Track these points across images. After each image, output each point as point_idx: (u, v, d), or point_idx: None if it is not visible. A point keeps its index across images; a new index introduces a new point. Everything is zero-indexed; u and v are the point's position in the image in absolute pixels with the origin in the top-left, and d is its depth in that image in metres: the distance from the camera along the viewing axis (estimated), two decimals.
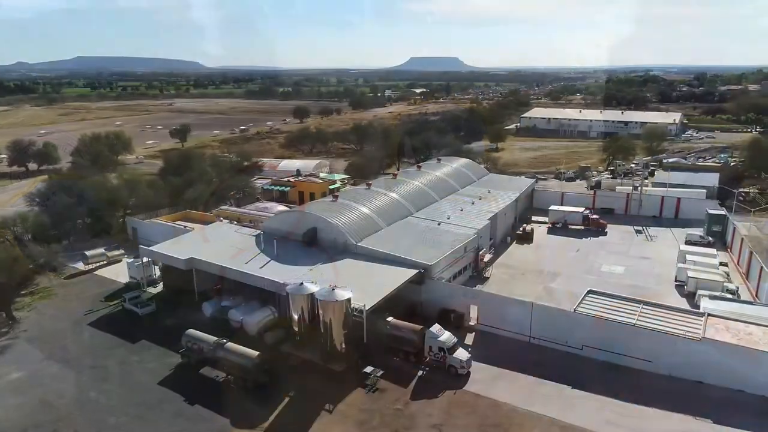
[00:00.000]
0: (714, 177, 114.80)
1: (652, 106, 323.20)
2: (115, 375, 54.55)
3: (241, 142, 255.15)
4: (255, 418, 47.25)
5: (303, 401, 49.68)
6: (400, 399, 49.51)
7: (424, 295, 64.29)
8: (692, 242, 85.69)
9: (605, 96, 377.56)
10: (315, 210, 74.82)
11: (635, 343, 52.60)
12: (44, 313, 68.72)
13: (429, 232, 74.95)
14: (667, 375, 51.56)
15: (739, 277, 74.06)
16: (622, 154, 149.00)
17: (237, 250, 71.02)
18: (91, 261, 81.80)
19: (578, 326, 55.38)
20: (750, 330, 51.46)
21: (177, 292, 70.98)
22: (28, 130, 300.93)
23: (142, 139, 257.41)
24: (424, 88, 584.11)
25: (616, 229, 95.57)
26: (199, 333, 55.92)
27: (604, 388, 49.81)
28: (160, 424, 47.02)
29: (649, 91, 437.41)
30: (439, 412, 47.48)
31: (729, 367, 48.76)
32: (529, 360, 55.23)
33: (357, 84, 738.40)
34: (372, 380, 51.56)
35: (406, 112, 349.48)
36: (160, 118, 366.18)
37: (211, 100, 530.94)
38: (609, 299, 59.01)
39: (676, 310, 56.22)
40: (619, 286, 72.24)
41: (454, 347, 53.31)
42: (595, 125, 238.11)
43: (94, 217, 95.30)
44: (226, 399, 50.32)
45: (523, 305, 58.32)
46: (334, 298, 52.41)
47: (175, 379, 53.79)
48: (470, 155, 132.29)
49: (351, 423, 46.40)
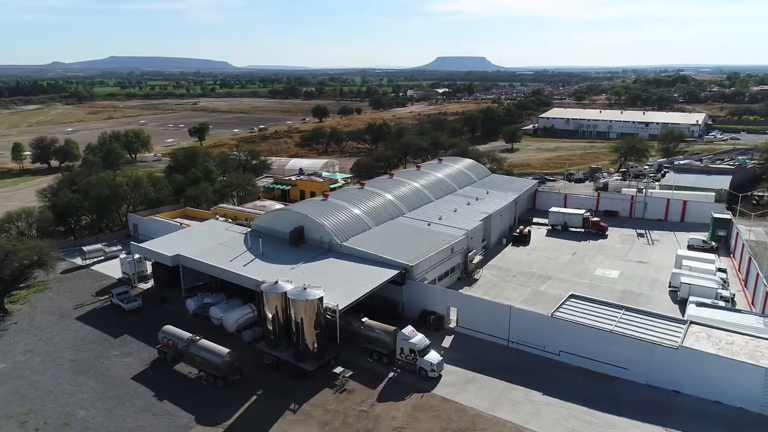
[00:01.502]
0: (726, 180, 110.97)
1: (678, 107, 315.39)
2: (92, 368, 55.44)
3: (258, 140, 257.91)
4: (219, 415, 47.45)
5: (269, 400, 49.68)
6: (366, 400, 49.09)
7: (405, 297, 63.75)
8: (694, 247, 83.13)
9: (630, 96, 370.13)
10: (302, 209, 74.86)
11: (612, 350, 51.15)
12: (36, 306, 70.39)
13: (417, 233, 74.27)
14: (644, 383, 50.00)
15: (739, 284, 71.42)
16: (634, 156, 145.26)
17: (225, 247, 71.58)
18: (88, 256, 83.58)
19: (555, 331, 54.14)
20: (732, 339, 49.46)
21: (166, 288, 72.02)
22: (56, 127, 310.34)
23: (163, 137, 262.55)
24: (447, 87, 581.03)
25: (618, 232, 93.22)
26: (175, 329, 56.45)
27: (576, 395, 48.55)
28: (126, 418, 47.56)
29: (677, 91, 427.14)
30: (403, 415, 46.89)
31: (707, 377, 47.00)
32: (505, 364, 54.23)
33: (380, 84, 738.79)
34: (341, 381, 51.30)
35: (426, 112, 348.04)
36: (184, 116, 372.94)
37: (235, 99, 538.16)
38: (590, 304, 57.48)
39: (658, 316, 54.39)
40: (610, 290, 70.71)
41: (426, 350, 52.58)
42: (615, 126, 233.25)
43: (98, 213, 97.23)
44: (195, 395, 50.70)
45: (502, 309, 57.28)
46: (305, 297, 52.21)
47: (149, 374, 54.42)
48: (476, 155, 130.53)
49: (314, 423, 46.18)
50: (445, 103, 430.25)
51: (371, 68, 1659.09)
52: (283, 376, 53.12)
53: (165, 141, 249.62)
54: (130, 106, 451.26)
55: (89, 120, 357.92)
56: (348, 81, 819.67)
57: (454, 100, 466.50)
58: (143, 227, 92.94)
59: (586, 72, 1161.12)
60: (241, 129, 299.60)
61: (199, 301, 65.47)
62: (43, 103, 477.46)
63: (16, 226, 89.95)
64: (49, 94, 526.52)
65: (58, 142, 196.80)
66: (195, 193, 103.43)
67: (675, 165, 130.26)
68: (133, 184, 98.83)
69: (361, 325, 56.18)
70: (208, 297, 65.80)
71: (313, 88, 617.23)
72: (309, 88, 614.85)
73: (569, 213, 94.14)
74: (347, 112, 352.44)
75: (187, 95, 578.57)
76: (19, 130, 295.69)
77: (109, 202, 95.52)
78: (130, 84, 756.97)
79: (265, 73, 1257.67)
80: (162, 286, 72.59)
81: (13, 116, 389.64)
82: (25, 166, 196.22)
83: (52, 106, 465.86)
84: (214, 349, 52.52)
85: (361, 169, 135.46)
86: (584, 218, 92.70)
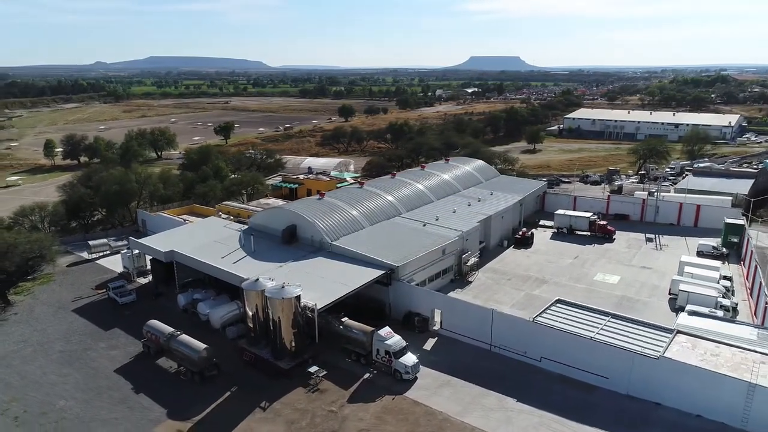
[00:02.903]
0: (747, 184, 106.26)
1: (713, 108, 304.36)
2: (78, 360, 56.83)
3: (282, 139, 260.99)
4: (191, 410, 47.93)
5: (242, 397, 49.94)
6: (337, 401, 48.83)
7: (392, 297, 63.25)
8: (704, 253, 79.94)
9: (664, 97, 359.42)
10: (295, 208, 75.11)
11: (592, 358, 49.55)
12: (38, 297, 72.62)
13: (410, 233, 73.61)
14: (625, 394, 48.26)
15: (746, 293, 68.29)
16: (654, 158, 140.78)
17: (219, 244, 72.39)
18: (94, 250, 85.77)
19: (537, 336, 52.77)
20: (719, 351, 47.22)
21: (162, 284, 73.31)
22: (91, 125, 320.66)
23: (191, 135, 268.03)
24: (477, 87, 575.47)
25: (626, 237, 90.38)
26: (159, 323, 57.35)
27: (551, 404, 47.20)
28: (102, 409, 48.53)
29: (715, 91, 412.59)
30: (371, 417, 46.45)
31: (688, 390, 45.02)
32: (484, 369, 53.16)
33: (411, 83, 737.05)
34: (315, 380, 51.19)
35: (452, 112, 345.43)
36: (214, 115, 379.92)
37: (266, 98, 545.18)
38: (576, 310, 55.82)
39: (645, 325, 52.37)
40: (607, 296, 68.68)
41: (402, 351, 51.96)
42: (643, 127, 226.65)
43: (108, 208, 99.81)
44: (171, 389, 51.40)
45: (484, 312, 56.17)
46: (282, 295, 52.28)
47: (131, 367, 55.45)
48: (488, 156, 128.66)
49: (280, 422, 46.19)
50: (473, 103, 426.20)
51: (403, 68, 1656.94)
52: (259, 374, 53.35)
53: (192, 139, 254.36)
54: (164, 105, 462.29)
55: (123, 118, 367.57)
56: (379, 81, 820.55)
57: (482, 100, 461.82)
58: (151, 223, 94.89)
59: (623, 72, 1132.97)
60: (267, 128, 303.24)
61: (189, 297, 66.42)
62: (83, 102, 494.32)
63: (30, 220, 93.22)
64: (88, 93, 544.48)
65: (87, 140, 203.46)
66: (203, 190, 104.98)
67: (694, 168, 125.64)
68: (143, 181, 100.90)
69: (340, 324, 55.96)
70: (198, 293, 66.65)
71: (343, 87, 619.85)
72: (338, 87, 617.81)
73: (575, 216, 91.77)
74: (373, 112, 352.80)
75: (219, 94, 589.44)
76: (56, 128, 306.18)
77: (118, 198, 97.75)
78: (167, 83, 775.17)
79: (299, 72, 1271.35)
80: (158, 281, 73.94)
81: (52, 114, 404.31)
82: (56, 163, 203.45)
83: (90, 104, 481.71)
84: (191, 344, 53.14)
85: (373, 168, 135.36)
86: (590, 221, 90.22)
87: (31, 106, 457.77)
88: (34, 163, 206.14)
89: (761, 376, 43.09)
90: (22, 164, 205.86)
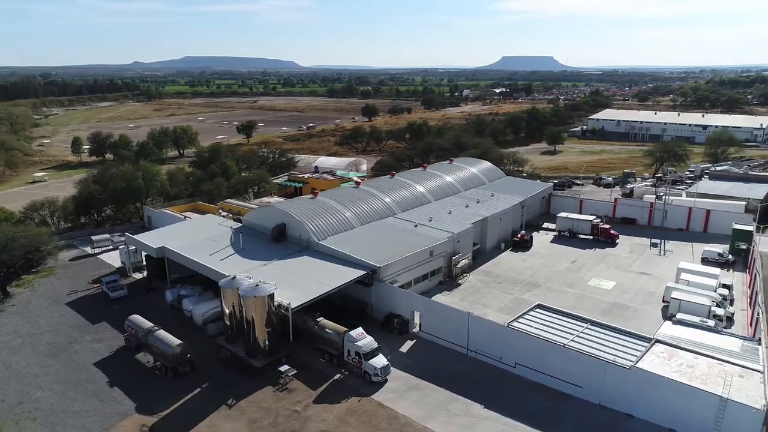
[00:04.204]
0: (765, 188, 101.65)
1: (748, 109, 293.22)
2: (63, 352, 58.18)
3: (303, 138, 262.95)
4: (159, 405, 48.48)
5: (211, 394, 50.25)
6: (303, 401, 48.66)
7: (373, 298, 62.81)
8: (709, 260, 76.90)
9: (697, 97, 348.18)
10: (285, 206, 75.34)
11: (566, 366, 48.09)
12: (37, 290, 74.74)
13: (400, 234, 72.97)
14: (597, 404, 46.68)
15: (746, 303, 65.32)
16: (672, 160, 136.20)
17: (211, 241, 73.12)
18: (96, 245, 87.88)
19: (511, 342, 51.55)
20: (697, 362, 45.19)
21: (156, 279, 74.55)
22: (122, 123, 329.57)
23: (215, 134, 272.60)
24: (505, 88, 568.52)
25: (630, 241, 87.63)
26: (140, 318, 58.25)
27: (519, 411, 46.01)
28: (75, 402, 49.54)
29: (753, 92, 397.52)
30: (333, 419, 46.12)
31: (660, 402, 43.25)
32: (458, 373, 52.22)
33: (440, 83, 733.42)
34: (284, 379, 51.16)
35: (477, 113, 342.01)
36: (242, 114, 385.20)
37: (294, 98, 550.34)
38: (555, 315, 54.36)
39: (624, 333, 50.56)
40: (599, 302, 66.78)
41: (373, 353, 51.44)
42: (669, 128, 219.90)
43: (115, 204, 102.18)
44: (145, 384, 52.11)
45: (461, 315, 55.14)
46: (255, 293, 52.40)
47: (110, 360, 56.49)
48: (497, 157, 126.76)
49: (243, 420, 46.28)
50: (499, 104, 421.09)
51: (434, 68, 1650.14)
52: (232, 372, 53.62)
53: (215, 137, 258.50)
54: (194, 104, 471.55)
55: (153, 116, 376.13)
56: (408, 81, 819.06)
57: (510, 101, 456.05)
58: (155, 219, 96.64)
59: (659, 72, 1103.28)
60: (290, 127, 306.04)
61: (176, 293, 67.29)
62: (117, 101, 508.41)
63: (40, 215, 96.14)
64: (123, 92, 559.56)
65: (112, 137, 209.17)
66: (209, 188, 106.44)
67: (711, 171, 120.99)
68: (150, 178, 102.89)
69: (315, 324, 55.81)
70: (185, 289, 67.48)
71: (370, 87, 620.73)
72: (366, 87, 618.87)
73: (577, 219, 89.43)
74: (397, 112, 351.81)
75: (249, 94, 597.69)
76: (89, 125, 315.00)
77: (126, 194, 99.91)
78: (199, 83, 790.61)
79: (330, 72, 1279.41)
80: (151, 277, 75.22)
81: (86, 112, 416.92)
82: (83, 159, 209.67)
83: (124, 103, 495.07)
84: (166, 339, 53.77)
85: (384, 168, 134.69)
86: (593, 225, 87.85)
87: (68, 104, 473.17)
88: (62, 160, 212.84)
89: (736, 389, 41.07)
90: (51, 161, 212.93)
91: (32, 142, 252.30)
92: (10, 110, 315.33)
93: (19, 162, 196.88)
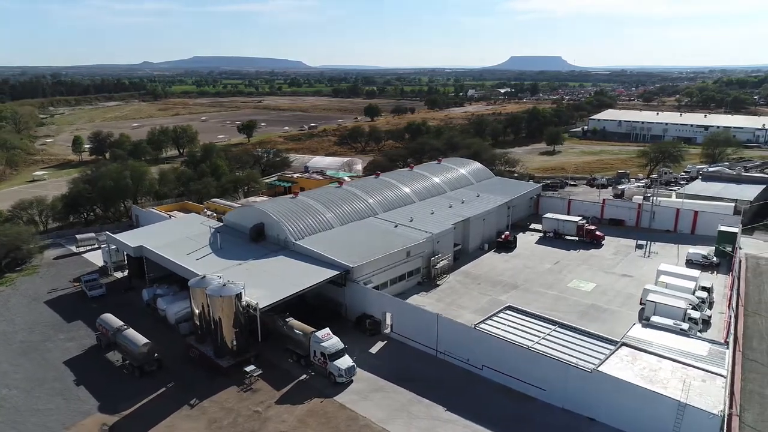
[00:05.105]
0: (756, 190, 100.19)
1: (754, 110, 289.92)
2: (35, 350, 58.35)
3: (304, 138, 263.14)
4: (122, 404, 48.45)
5: (176, 393, 50.17)
6: (266, 401, 48.48)
7: (347, 299, 62.53)
8: (693, 262, 75.92)
9: (703, 98, 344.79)
10: (264, 206, 75.21)
11: (530, 369, 47.57)
12: (18, 288, 75.09)
13: (378, 234, 72.62)
14: (560, 407, 46.10)
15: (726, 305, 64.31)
16: (667, 161, 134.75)
17: (190, 240, 73.13)
18: (81, 244, 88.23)
19: (478, 344, 51.08)
20: (660, 366, 44.52)
21: (136, 278, 74.69)
22: (126, 122, 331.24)
23: (217, 133, 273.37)
24: (511, 88, 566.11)
25: (616, 242, 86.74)
26: (110, 317, 58.35)
27: (482, 414, 45.58)
28: (40, 400, 49.64)
29: (762, 92, 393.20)
30: (294, 420, 45.88)
31: (620, 406, 42.60)
32: (425, 375, 51.86)
33: (446, 83, 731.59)
34: (249, 379, 51.00)
35: (480, 113, 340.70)
36: (246, 114, 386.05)
37: (299, 98, 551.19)
38: (524, 317, 53.84)
39: (590, 335, 49.97)
40: (576, 304, 66.12)
41: (338, 354, 51.14)
42: (671, 129, 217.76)
43: (104, 203, 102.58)
44: (111, 383, 52.12)
45: (430, 317, 54.75)
46: (221, 293, 52.28)
47: (80, 359, 56.60)
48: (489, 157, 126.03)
49: (203, 420, 46.15)
50: (503, 104, 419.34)
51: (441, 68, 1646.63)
52: (199, 371, 53.54)
53: (217, 137, 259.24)
54: (199, 104, 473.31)
55: (158, 116, 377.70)
56: (414, 81, 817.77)
57: (514, 101, 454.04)
58: (143, 218, 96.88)
59: (668, 72, 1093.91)
60: (292, 127, 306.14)
61: (151, 292, 67.35)
62: (123, 100, 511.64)
63: (28, 214, 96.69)
64: (130, 92, 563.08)
65: (113, 136, 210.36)
66: (197, 187, 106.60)
67: (703, 172, 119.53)
68: (138, 177, 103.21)
69: (284, 324, 55.61)
70: (161, 288, 67.53)
71: (375, 87, 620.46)
72: (371, 87, 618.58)
73: (563, 220, 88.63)
74: (400, 112, 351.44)
75: (255, 93, 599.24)
76: (94, 125, 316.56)
77: (114, 193, 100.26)
78: (206, 83, 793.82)
79: (337, 72, 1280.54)
80: (132, 276, 75.39)
81: (92, 112, 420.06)
82: (83, 158, 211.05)
83: (130, 102, 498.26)
84: (134, 338, 53.80)
85: (376, 167, 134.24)
86: (578, 226, 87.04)
87: (75, 104, 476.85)
88: (63, 159, 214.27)
89: (697, 394, 40.40)
90: (53, 160, 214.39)
91: (35, 141, 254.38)
92: (16, 110, 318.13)
93: (20, 161, 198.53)
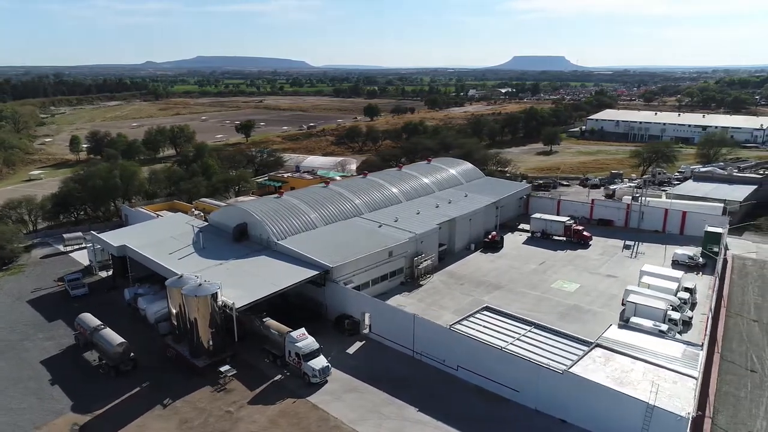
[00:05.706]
0: (747, 190, 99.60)
1: (754, 110, 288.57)
2: (13, 349, 58.37)
3: (302, 137, 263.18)
4: (95, 404, 48.37)
5: (149, 393, 50.07)
6: (238, 401, 48.34)
7: (327, 299, 62.36)
8: (679, 263, 75.46)
9: (703, 98, 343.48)
10: (247, 206, 75.11)
11: (504, 370, 47.31)
12: (2, 287, 75.14)
13: (362, 234, 72.41)
14: (533, 408, 45.82)
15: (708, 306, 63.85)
16: (660, 161, 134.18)
17: (174, 240, 73.05)
18: (68, 243, 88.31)
19: (453, 344, 50.86)
20: (633, 367, 44.20)
21: (120, 277, 74.67)
22: (126, 122, 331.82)
23: (215, 133, 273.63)
24: (512, 88, 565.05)
25: (603, 243, 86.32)
26: (88, 317, 58.32)
27: (453, 415, 45.34)
28: (14, 399, 49.61)
29: (763, 92, 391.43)
30: (265, 420, 45.73)
31: (592, 407, 42.29)
32: (400, 376, 51.64)
33: (448, 83, 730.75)
34: (223, 379, 50.88)
35: (480, 113, 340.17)
36: (246, 114, 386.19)
37: (300, 97, 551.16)
38: (500, 318, 53.60)
39: (565, 336, 49.68)
40: (558, 304, 65.80)
41: (312, 354, 50.95)
42: (669, 129, 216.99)
43: (93, 202, 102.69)
44: (86, 383, 52.09)
45: (406, 317, 54.52)
46: (197, 293, 52.17)
47: (57, 358, 56.57)
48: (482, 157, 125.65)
49: (174, 420, 46.05)
50: (504, 104, 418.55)
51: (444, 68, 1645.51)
52: (175, 371, 53.44)
53: (215, 137, 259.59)
54: (200, 103, 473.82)
55: (158, 116, 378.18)
56: (416, 80, 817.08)
57: (515, 100, 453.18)
58: (132, 217, 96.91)
59: (671, 72, 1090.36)
60: (292, 126, 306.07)
61: (133, 292, 67.32)
62: (124, 100, 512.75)
63: (17, 213, 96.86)
64: (131, 92, 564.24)
65: (110, 136, 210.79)
66: (187, 186, 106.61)
67: (695, 172, 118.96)
68: (128, 176, 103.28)
69: (261, 324, 55.49)
70: (142, 288, 67.50)
71: (376, 87, 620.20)
72: (372, 87, 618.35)
73: (550, 220, 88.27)
74: (400, 112, 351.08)
75: (256, 93, 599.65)
76: (94, 124, 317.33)
77: (103, 193, 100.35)
78: (208, 83, 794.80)
79: (340, 72, 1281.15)
80: (116, 275, 75.39)
81: (93, 111, 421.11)
82: (81, 158, 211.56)
83: (131, 102, 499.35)
84: (110, 338, 53.75)
85: (369, 167, 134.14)
86: (566, 226, 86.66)
87: (76, 103, 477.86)
88: (61, 158, 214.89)
89: (667, 396, 40.07)
90: (51, 159, 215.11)
91: (35, 141, 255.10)
92: (16, 109, 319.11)
93: (18, 160, 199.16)
